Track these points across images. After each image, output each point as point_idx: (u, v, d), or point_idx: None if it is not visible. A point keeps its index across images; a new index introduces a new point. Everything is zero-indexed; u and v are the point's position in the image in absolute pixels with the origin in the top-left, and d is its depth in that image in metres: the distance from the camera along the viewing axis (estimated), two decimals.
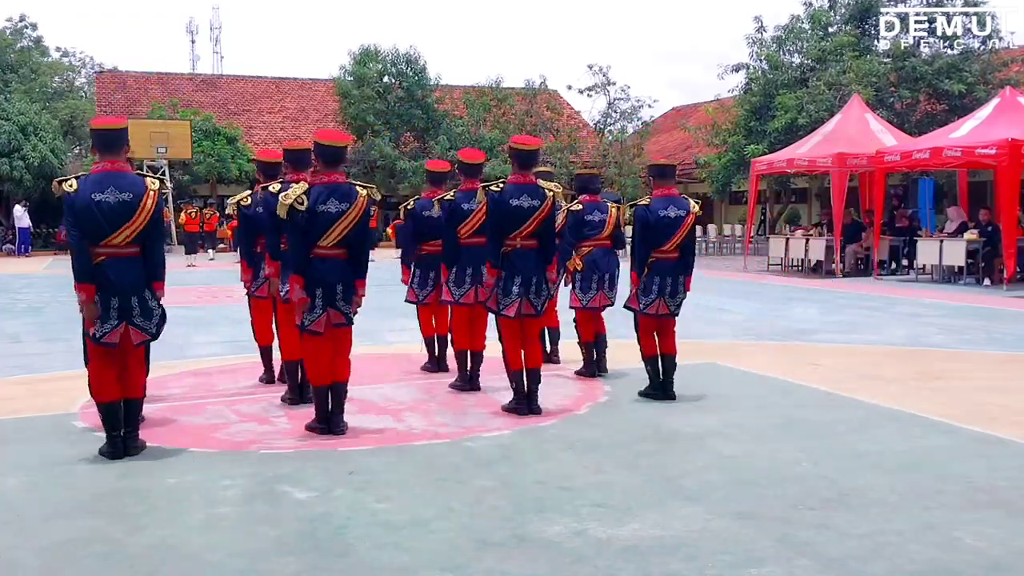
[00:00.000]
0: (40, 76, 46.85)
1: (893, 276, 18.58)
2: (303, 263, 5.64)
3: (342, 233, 5.69)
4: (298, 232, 5.61)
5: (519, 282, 6.32)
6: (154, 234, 5.36)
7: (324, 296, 5.69)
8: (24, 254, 29.60)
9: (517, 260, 6.33)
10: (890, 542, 3.91)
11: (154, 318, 5.37)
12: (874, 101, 23.75)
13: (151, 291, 5.33)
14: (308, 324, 5.70)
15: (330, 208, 5.66)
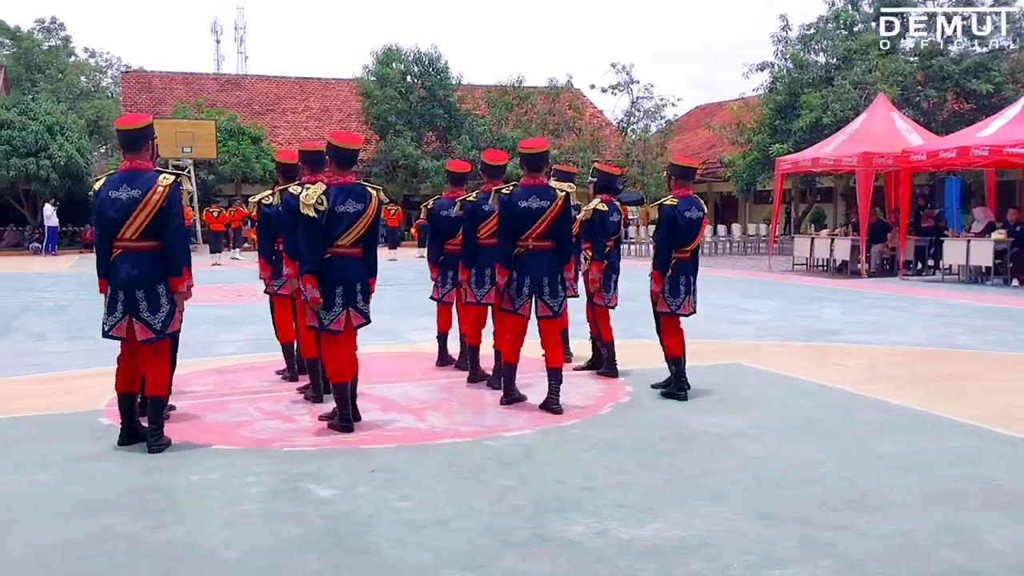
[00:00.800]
0: (67, 76, 47.45)
1: (919, 276, 18.42)
2: (318, 263, 5.68)
3: (359, 232, 5.78)
4: (316, 232, 5.65)
5: (528, 283, 6.38)
6: (167, 228, 5.33)
7: (344, 295, 5.74)
8: (51, 253, 29.91)
9: (529, 261, 6.38)
10: (912, 544, 3.88)
11: (159, 314, 5.35)
12: (900, 100, 23.59)
13: (166, 286, 5.34)
14: (328, 323, 5.74)
15: (348, 208, 5.72)
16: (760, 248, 28.28)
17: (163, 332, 5.40)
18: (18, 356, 9.12)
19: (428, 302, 8.13)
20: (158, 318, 5.36)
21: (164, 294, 5.35)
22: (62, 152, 30.09)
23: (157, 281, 5.34)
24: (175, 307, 5.41)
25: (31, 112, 30.46)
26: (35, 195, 31.69)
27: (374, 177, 34.26)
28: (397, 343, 9.80)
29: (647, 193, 32.09)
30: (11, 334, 10.77)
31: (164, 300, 5.36)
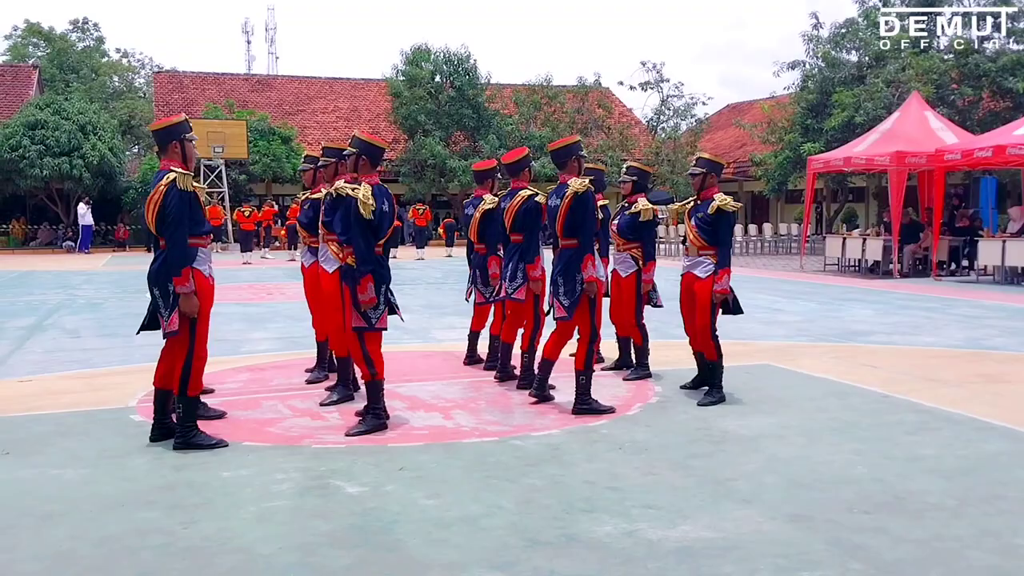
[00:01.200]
0: (100, 76, 48.03)
1: (953, 277, 18.20)
2: (375, 262, 5.73)
3: (391, 232, 5.83)
4: (372, 232, 5.69)
5: (550, 280, 6.46)
6: (164, 226, 5.34)
7: (385, 293, 5.80)
8: (84, 251, 30.26)
9: (554, 260, 6.47)
10: (947, 548, 3.83)
11: (168, 311, 5.36)
12: (934, 98, 23.33)
13: (172, 284, 5.32)
14: (376, 322, 5.78)
15: (386, 208, 5.76)
16: (791, 248, 28.06)
17: (165, 332, 5.42)
18: (52, 353, 9.24)
19: (455, 301, 8.15)
20: (167, 317, 5.38)
21: (172, 293, 5.34)
22: (95, 152, 30.45)
23: (165, 280, 5.35)
24: (174, 309, 5.34)
25: (64, 112, 30.85)
26: (68, 194, 32.08)
27: (403, 177, 34.40)
28: (424, 342, 9.82)
29: (676, 192, 31.96)
30: (45, 331, 10.90)
31: (171, 299, 5.35)
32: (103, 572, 3.65)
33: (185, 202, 5.37)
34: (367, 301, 5.67)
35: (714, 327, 6.72)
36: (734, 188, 38.31)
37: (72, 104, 31.75)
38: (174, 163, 5.48)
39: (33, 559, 3.79)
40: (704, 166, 6.82)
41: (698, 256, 6.76)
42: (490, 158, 32.73)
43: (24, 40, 49.51)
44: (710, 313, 6.68)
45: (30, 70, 39.35)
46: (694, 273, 6.77)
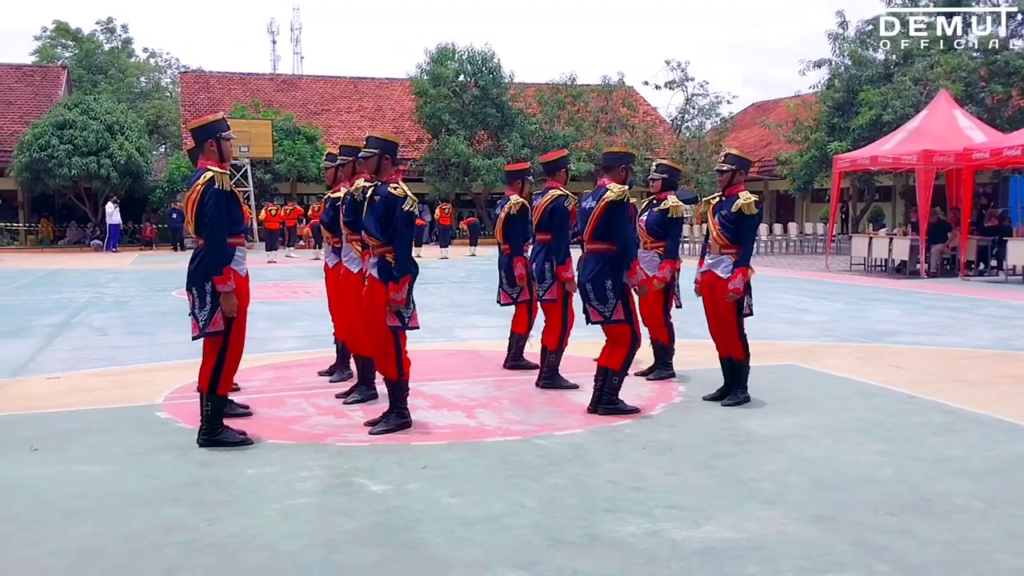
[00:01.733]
0: (127, 76, 48.47)
1: (981, 277, 18.00)
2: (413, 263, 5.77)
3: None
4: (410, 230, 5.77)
5: (579, 286, 6.43)
6: (202, 226, 5.38)
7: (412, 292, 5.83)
8: (112, 249, 30.54)
9: (582, 263, 6.41)
10: (975, 550, 3.79)
11: (203, 312, 5.38)
12: (963, 96, 23.08)
13: (211, 285, 5.33)
14: (408, 320, 5.80)
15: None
16: (817, 247, 27.86)
17: (203, 331, 5.41)
18: (80, 350, 9.33)
19: (479, 300, 8.14)
20: (202, 316, 5.39)
21: (209, 292, 5.35)
22: (122, 151, 30.71)
23: (203, 280, 5.38)
24: (216, 307, 5.36)
25: (92, 112, 31.13)
26: (96, 193, 32.38)
27: (427, 176, 34.47)
28: (448, 341, 9.83)
29: (701, 191, 31.82)
30: (73, 329, 11.01)
31: (208, 299, 5.36)
32: (128, 568, 3.69)
33: (223, 201, 5.38)
34: (399, 301, 5.67)
35: (741, 327, 6.64)
36: (759, 187, 38.08)
37: (100, 104, 32.04)
38: (210, 161, 5.50)
39: (59, 555, 3.83)
40: (732, 163, 6.72)
41: (720, 254, 6.66)
42: (515, 157, 32.86)
43: (53, 41, 50.03)
44: (735, 313, 6.60)
45: (59, 70, 39.77)
46: (715, 272, 6.65)
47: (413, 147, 36.39)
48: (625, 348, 6.28)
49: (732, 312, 6.58)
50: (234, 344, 5.50)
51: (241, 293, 5.49)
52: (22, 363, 8.54)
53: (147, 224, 33.34)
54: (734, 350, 6.65)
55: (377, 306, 5.82)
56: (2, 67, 37.47)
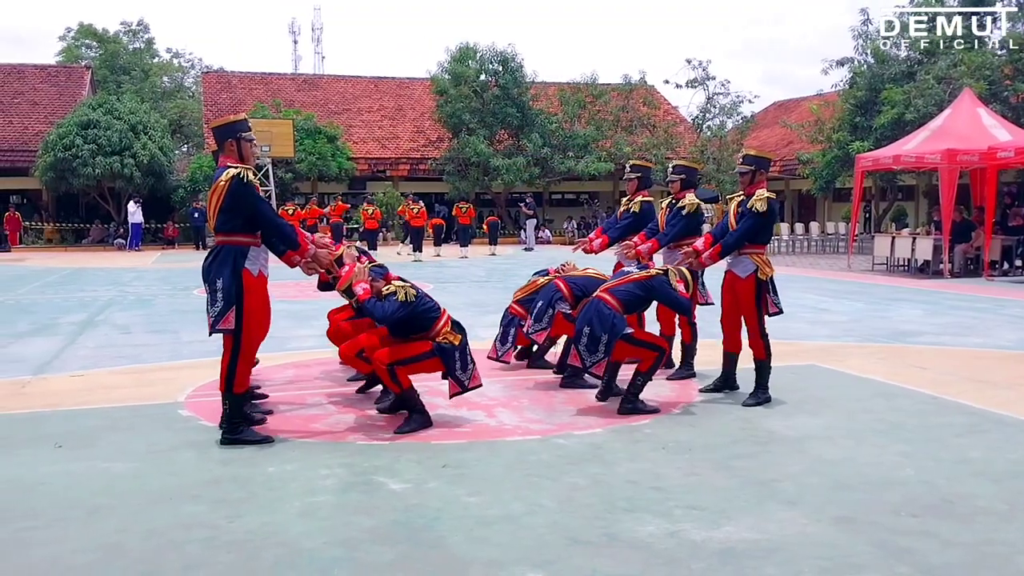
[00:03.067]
0: (151, 76, 48.79)
1: (1005, 277, 17.82)
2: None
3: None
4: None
5: None
6: (225, 220, 5.48)
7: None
8: (135, 248, 30.76)
9: None
10: (997, 552, 3.76)
11: (214, 309, 5.41)
12: (987, 95, 22.84)
13: (222, 282, 5.38)
14: (468, 383, 6.00)
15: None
16: (839, 247, 27.69)
17: (214, 327, 5.43)
18: (103, 348, 9.41)
19: (499, 299, 8.17)
20: (212, 313, 5.43)
21: (220, 290, 5.38)
22: (145, 151, 30.91)
23: (215, 276, 5.43)
24: (228, 305, 5.38)
25: (116, 112, 31.35)
26: (119, 193, 32.61)
27: (447, 175, 34.50)
28: (469, 340, 9.82)
29: (722, 190, 31.70)
30: (97, 327, 11.11)
31: (219, 296, 5.39)
32: (150, 564, 3.72)
33: (253, 190, 5.48)
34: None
35: (762, 326, 6.66)
36: (781, 186, 37.89)
37: (123, 104, 32.26)
38: (231, 160, 5.57)
39: (82, 551, 3.86)
40: (751, 163, 6.77)
41: (739, 255, 6.68)
42: (536, 157, 32.87)
43: (77, 42, 50.46)
44: (756, 313, 6.62)
45: (83, 71, 40.08)
46: (734, 272, 6.73)
47: (433, 146, 36.44)
48: (655, 353, 6.36)
49: (753, 313, 6.61)
50: (247, 342, 5.52)
51: (253, 292, 5.50)
52: (46, 360, 8.62)
53: (170, 223, 33.55)
54: (756, 350, 6.67)
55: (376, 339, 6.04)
56: (27, 68, 37.83)
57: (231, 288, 5.39)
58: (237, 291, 5.40)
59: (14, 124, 34.23)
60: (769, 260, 6.73)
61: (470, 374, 5.98)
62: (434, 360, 5.90)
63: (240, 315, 5.42)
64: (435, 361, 5.90)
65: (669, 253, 7.65)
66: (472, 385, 6.01)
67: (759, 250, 6.66)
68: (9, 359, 8.77)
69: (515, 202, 35.88)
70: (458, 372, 5.92)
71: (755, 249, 6.63)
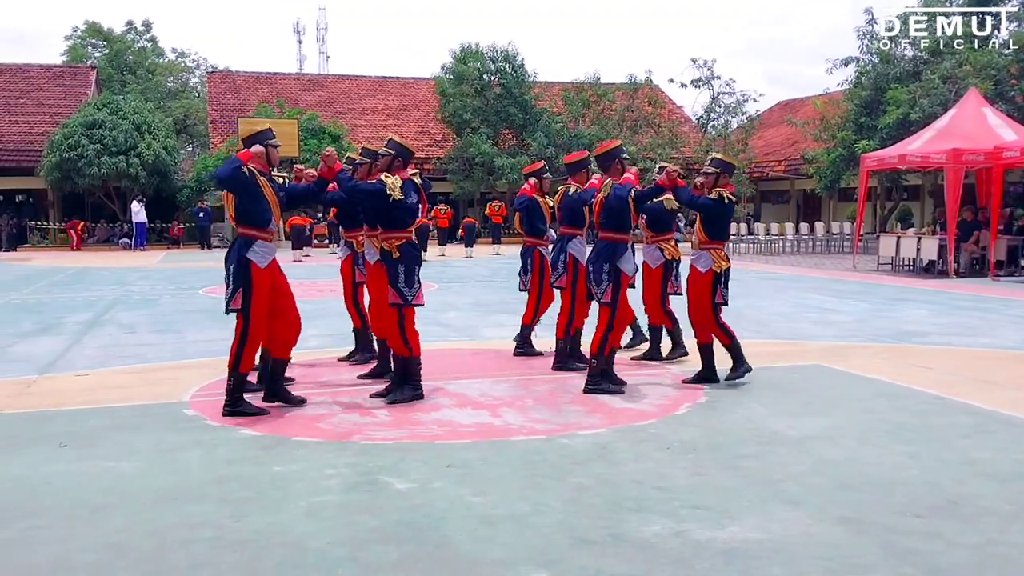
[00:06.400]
0: (156, 76, 48.85)
1: (1011, 277, 17.78)
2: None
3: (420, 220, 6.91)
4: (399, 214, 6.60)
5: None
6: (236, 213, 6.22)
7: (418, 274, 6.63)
8: (140, 248, 30.80)
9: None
10: (1003, 554, 3.75)
11: (228, 291, 6.14)
12: (993, 95, 22.78)
13: (234, 267, 6.08)
14: (412, 299, 6.48)
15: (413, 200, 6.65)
16: (844, 247, 27.64)
17: (227, 307, 6.15)
18: (108, 348, 9.43)
19: (503, 299, 8.19)
20: (226, 296, 6.17)
21: (231, 274, 6.10)
22: (150, 151, 30.96)
23: (228, 262, 6.16)
24: (236, 287, 6.08)
25: (121, 112, 31.39)
26: (124, 192, 32.66)
27: (451, 174, 34.49)
28: (473, 340, 9.85)
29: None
30: (102, 327, 11.13)
31: (230, 280, 6.12)
32: (155, 563, 3.73)
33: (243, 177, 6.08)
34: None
35: (718, 317, 7.16)
36: (786, 186, 37.83)
37: (128, 104, 32.30)
38: (257, 165, 6.22)
39: (88, 549, 3.87)
40: (717, 166, 7.33)
41: (700, 250, 7.24)
42: (538, 156, 32.83)
43: (83, 41, 50.52)
44: (710, 303, 7.13)
45: (88, 71, 40.13)
46: (696, 267, 7.25)
47: (438, 146, 36.43)
48: (607, 320, 6.91)
49: (710, 304, 7.15)
50: (254, 325, 6.13)
51: (259, 285, 6.12)
52: (52, 360, 8.64)
53: (175, 223, 33.59)
54: (719, 337, 7.19)
55: (381, 288, 6.56)
56: (33, 68, 37.89)
57: (238, 272, 6.08)
58: (244, 276, 6.07)
59: (19, 124, 34.28)
60: (726, 256, 7.25)
61: (415, 293, 6.50)
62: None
63: (247, 298, 6.06)
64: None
65: (648, 248, 8.23)
66: (416, 303, 6.51)
67: (717, 246, 7.19)
68: (15, 358, 8.79)
69: None
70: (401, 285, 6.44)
71: (713, 245, 7.18)
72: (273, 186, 6.36)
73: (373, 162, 7.13)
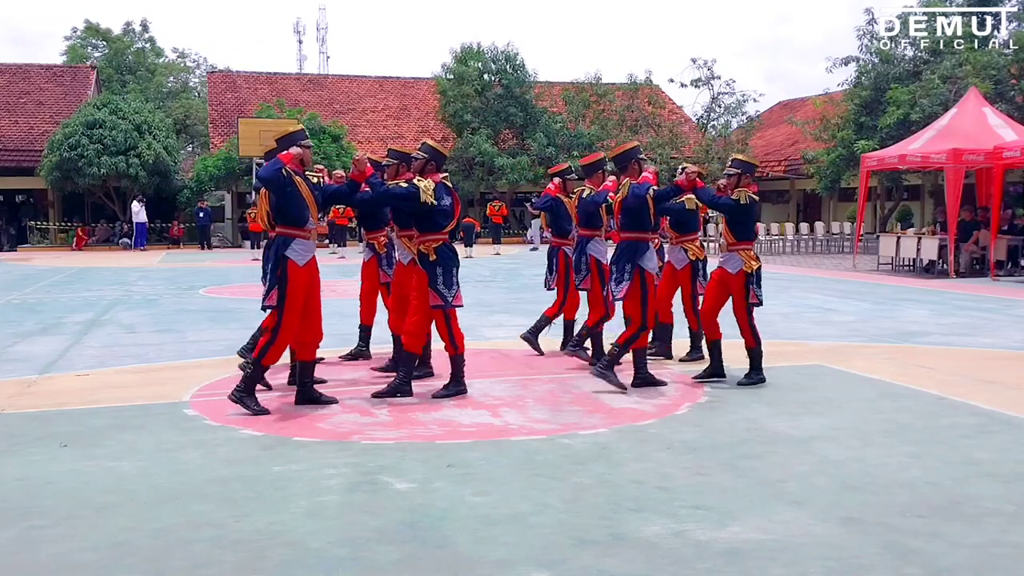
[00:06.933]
0: (156, 76, 48.84)
1: (1011, 277, 17.78)
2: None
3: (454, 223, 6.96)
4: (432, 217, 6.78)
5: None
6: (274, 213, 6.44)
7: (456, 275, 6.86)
8: (140, 248, 30.80)
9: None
10: (1006, 554, 3.75)
11: (266, 288, 6.34)
12: (993, 94, 22.77)
13: (273, 266, 6.26)
14: (452, 300, 6.71)
15: (447, 202, 6.76)
16: (844, 247, 27.64)
17: (262, 304, 6.36)
18: (109, 348, 9.42)
19: (503, 299, 8.19)
20: (264, 293, 6.35)
21: (269, 272, 6.29)
22: (150, 151, 30.95)
23: (266, 261, 6.42)
24: (272, 285, 6.24)
25: (121, 111, 31.38)
26: (125, 192, 32.65)
27: (451, 174, 34.46)
28: (473, 340, 9.82)
29: None
30: (103, 327, 11.13)
31: (268, 278, 6.32)
32: (157, 563, 3.72)
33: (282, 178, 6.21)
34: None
35: (751, 317, 7.15)
36: (786, 186, 37.80)
37: (128, 104, 32.28)
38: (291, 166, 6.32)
39: (90, 549, 3.87)
40: (738, 167, 7.35)
41: (728, 251, 7.27)
42: (538, 156, 32.85)
43: (83, 41, 50.49)
44: (744, 305, 7.14)
45: (88, 71, 40.11)
46: (725, 269, 7.24)
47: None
48: (639, 324, 7.00)
49: (743, 304, 7.14)
50: (286, 322, 6.25)
51: (297, 282, 6.24)
52: (52, 360, 8.64)
53: (175, 223, 33.59)
54: (746, 339, 7.18)
55: (410, 288, 6.81)
56: (33, 68, 37.87)
57: (275, 270, 6.24)
58: (281, 274, 6.21)
59: (20, 124, 34.27)
60: (756, 255, 7.25)
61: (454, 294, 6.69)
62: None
63: (282, 295, 6.20)
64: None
65: (672, 249, 8.18)
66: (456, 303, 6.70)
67: (746, 246, 7.22)
68: (15, 358, 8.79)
69: (521, 202, 35.88)
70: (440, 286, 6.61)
71: (742, 246, 7.20)
72: (309, 185, 6.50)
73: (400, 163, 7.29)
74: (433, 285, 6.61)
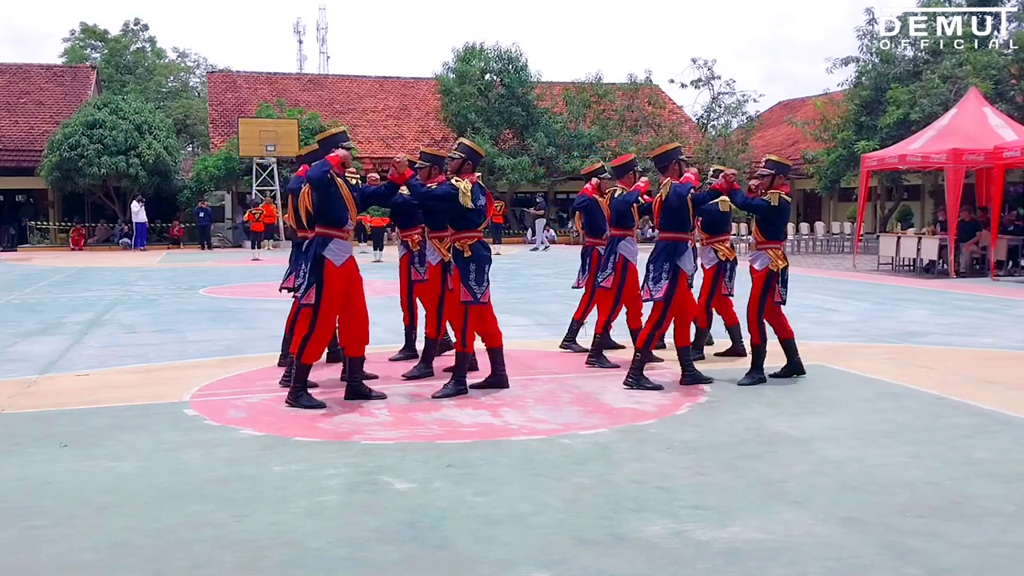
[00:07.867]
0: (155, 76, 48.85)
1: (1011, 277, 17.78)
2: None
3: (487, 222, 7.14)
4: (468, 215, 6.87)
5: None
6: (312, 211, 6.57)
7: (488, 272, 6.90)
8: (140, 248, 30.80)
9: None
10: (1006, 554, 3.75)
11: (303, 285, 6.48)
12: (993, 94, 22.78)
13: (309, 264, 6.37)
14: (481, 296, 6.74)
15: (482, 202, 6.81)
16: (844, 247, 27.65)
17: (301, 302, 6.54)
18: (109, 348, 9.42)
19: (504, 299, 8.19)
20: (302, 288, 6.50)
21: (308, 271, 6.38)
22: (151, 150, 30.95)
23: (305, 260, 6.49)
24: (310, 283, 6.35)
25: (121, 111, 31.38)
26: (125, 192, 32.65)
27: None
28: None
29: None
30: (103, 327, 11.13)
31: (305, 276, 6.45)
32: (157, 563, 3.72)
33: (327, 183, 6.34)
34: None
35: (761, 313, 7.27)
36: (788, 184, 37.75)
37: (128, 104, 32.28)
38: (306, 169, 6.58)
39: (90, 549, 3.87)
40: (771, 167, 7.46)
41: (756, 250, 7.43)
42: (539, 156, 32.85)
43: (82, 43, 50.51)
44: (758, 300, 7.26)
45: (88, 71, 40.11)
46: (753, 266, 7.44)
47: (439, 146, 36.36)
48: (655, 320, 7.12)
49: (757, 299, 7.27)
50: (323, 319, 6.36)
51: (333, 281, 6.33)
52: (52, 360, 8.64)
53: (175, 223, 33.59)
54: (752, 334, 7.30)
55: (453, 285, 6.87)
56: (33, 68, 37.88)
57: (313, 268, 6.34)
58: (318, 272, 6.31)
59: (19, 124, 34.28)
60: (784, 255, 7.38)
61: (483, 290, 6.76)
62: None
63: (320, 293, 6.30)
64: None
65: (703, 249, 8.35)
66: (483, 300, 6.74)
67: (775, 245, 7.33)
68: (15, 358, 8.79)
69: (522, 202, 35.88)
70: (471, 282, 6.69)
71: (770, 245, 7.33)
72: (348, 186, 6.56)
73: (432, 166, 7.38)
74: (465, 281, 6.71)
